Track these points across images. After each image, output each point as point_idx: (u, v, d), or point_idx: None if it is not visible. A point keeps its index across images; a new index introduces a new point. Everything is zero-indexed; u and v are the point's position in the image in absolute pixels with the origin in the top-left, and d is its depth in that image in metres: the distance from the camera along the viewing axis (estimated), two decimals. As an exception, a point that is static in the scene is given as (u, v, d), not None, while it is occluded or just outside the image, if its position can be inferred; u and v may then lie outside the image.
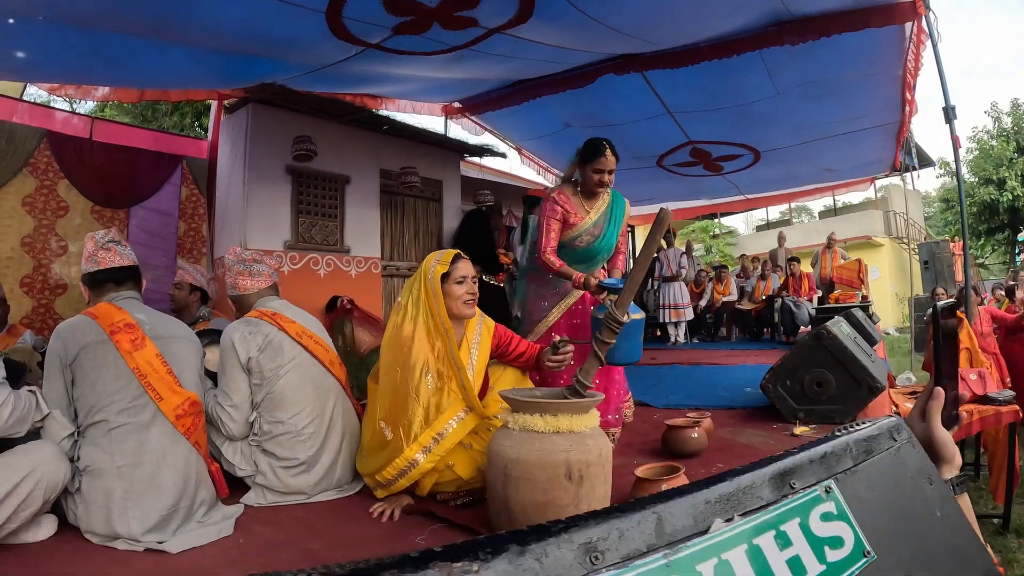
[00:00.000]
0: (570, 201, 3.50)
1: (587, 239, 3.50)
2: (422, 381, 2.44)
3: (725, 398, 4.40)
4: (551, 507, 1.87)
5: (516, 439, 1.98)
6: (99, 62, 4.69)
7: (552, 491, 1.87)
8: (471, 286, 2.67)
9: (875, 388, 3.43)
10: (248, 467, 2.71)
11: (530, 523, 1.80)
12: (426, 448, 2.39)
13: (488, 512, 2.14)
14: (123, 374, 2.31)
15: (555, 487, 1.88)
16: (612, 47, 5.58)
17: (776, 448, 3.07)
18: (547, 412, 1.97)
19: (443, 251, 2.73)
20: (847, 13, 4.99)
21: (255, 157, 5.60)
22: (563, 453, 1.90)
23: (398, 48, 4.83)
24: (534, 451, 1.92)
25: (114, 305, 2.45)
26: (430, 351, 2.49)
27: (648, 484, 2.21)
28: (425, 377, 2.45)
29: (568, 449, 1.91)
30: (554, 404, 1.98)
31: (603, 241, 3.54)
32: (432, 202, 7.20)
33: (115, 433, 2.25)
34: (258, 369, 2.70)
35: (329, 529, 2.34)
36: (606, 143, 3.47)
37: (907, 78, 6.25)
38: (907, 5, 4.95)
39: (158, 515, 2.22)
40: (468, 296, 2.65)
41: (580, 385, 2.19)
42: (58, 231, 5.66)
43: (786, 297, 8.95)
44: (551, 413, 1.96)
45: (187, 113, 13.21)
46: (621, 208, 3.64)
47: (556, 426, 1.94)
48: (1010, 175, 22.29)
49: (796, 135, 7.86)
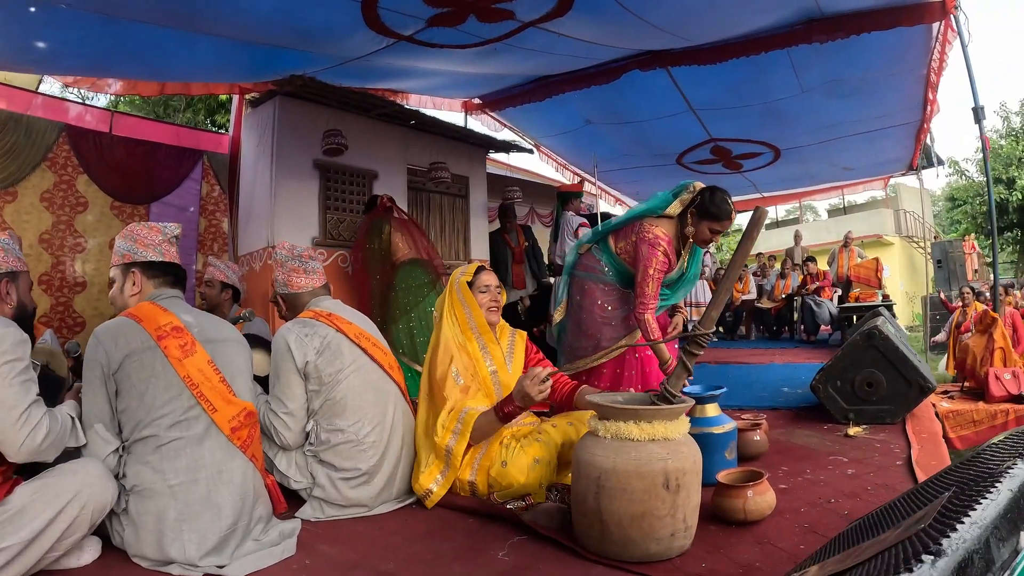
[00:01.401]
0: (672, 249, 3.24)
1: (670, 282, 3.39)
2: (448, 378, 2.60)
3: (765, 398, 4.36)
4: (648, 518, 1.82)
5: (610, 448, 1.91)
6: (123, 54, 4.64)
7: (649, 501, 1.83)
8: (494, 294, 2.80)
9: (926, 388, 3.41)
10: (304, 479, 2.56)
11: (625, 535, 1.82)
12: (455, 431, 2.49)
13: (574, 524, 2.04)
14: (173, 384, 2.12)
15: (652, 497, 1.83)
16: (643, 43, 5.57)
17: (834, 449, 3.06)
18: (642, 419, 1.92)
19: (467, 264, 2.87)
20: (877, 12, 4.97)
21: (282, 151, 5.54)
22: (660, 461, 1.85)
23: (430, 41, 4.81)
24: (631, 460, 1.86)
25: (158, 306, 2.23)
26: (457, 356, 2.66)
27: (733, 491, 2.12)
28: (454, 377, 2.60)
29: (665, 457, 1.86)
30: (650, 411, 1.93)
31: (686, 279, 3.44)
32: (459, 198, 7.15)
33: (166, 449, 2.06)
34: (316, 374, 2.55)
35: (400, 546, 2.18)
36: (732, 203, 3.23)
37: (931, 77, 6.24)
38: (937, 4, 4.93)
39: (216, 537, 2.06)
40: (491, 304, 2.79)
41: (669, 394, 2.12)
42: (76, 227, 5.62)
43: (807, 295, 8.91)
44: (647, 420, 1.91)
45: (200, 110, 13.16)
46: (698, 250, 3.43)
47: (652, 433, 1.89)
48: (1019, 175, 22.24)
49: (817, 133, 7.85)
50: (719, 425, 2.59)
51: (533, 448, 2.46)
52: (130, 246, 2.31)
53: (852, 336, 3.90)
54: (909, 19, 4.97)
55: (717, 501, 2.14)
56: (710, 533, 2.01)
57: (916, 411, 3.56)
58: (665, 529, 1.83)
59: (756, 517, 2.08)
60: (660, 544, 1.84)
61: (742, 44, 5.46)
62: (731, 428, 2.63)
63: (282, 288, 2.83)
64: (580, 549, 1.96)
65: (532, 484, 2.40)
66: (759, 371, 5.62)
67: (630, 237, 3.29)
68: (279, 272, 2.84)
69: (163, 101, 13.18)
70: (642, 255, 3.15)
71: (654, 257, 3.12)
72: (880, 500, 2.28)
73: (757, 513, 2.08)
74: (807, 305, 8.72)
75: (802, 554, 1.84)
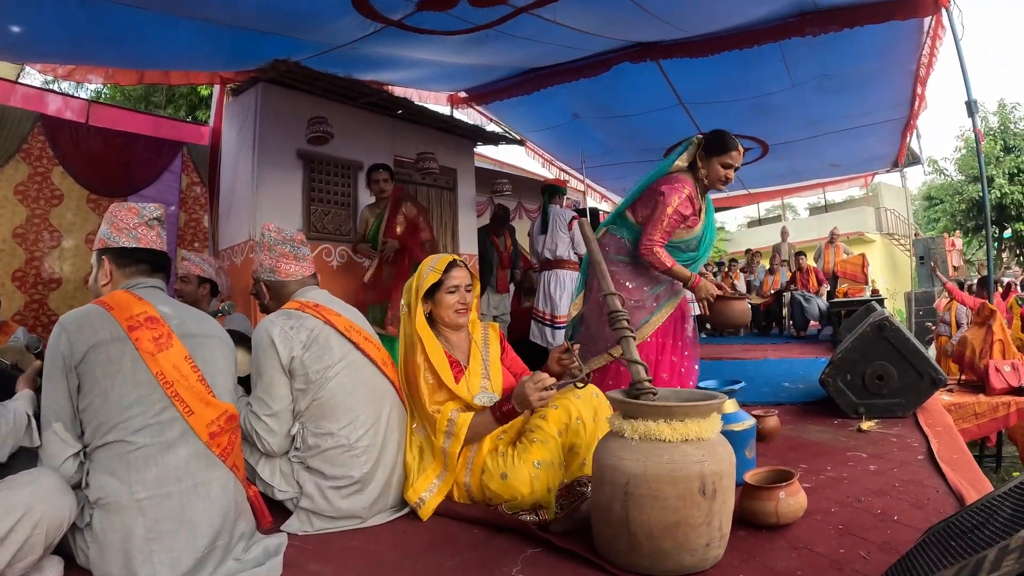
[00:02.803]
0: (696, 193, 3.19)
1: (695, 242, 3.30)
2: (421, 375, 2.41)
3: (767, 394, 4.26)
4: (682, 527, 1.65)
5: (639, 450, 1.72)
6: (100, 38, 4.46)
7: (684, 509, 1.65)
8: (463, 295, 2.54)
9: (938, 380, 3.31)
10: (290, 488, 2.31)
11: (657, 547, 1.56)
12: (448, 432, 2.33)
13: (596, 535, 1.85)
14: (143, 382, 1.85)
15: (688, 504, 1.65)
16: (637, 33, 5.47)
17: (850, 445, 2.95)
18: (674, 418, 1.73)
19: (440, 256, 2.58)
20: (871, 5, 4.94)
21: (265, 141, 5.35)
22: (696, 464, 1.67)
23: (419, 26, 4.67)
24: (664, 464, 1.67)
25: (133, 294, 1.98)
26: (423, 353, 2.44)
27: (764, 493, 1.97)
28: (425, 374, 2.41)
29: (701, 460, 1.68)
30: (683, 408, 1.75)
31: (707, 240, 3.36)
32: (446, 191, 6.99)
33: (133, 458, 1.80)
34: (303, 371, 2.29)
35: (399, 563, 1.95)
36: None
37: (920, 72, 6.22)
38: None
39: (192, 558, 1.81)
40: (459, 305, 2.53)
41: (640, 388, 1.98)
42: (52, 221, 5.43)
43: (795, 291, 8.89)
44: (679, 419, 1.73)
45: (181, 106, 12.84)
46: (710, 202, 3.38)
47: (685, 434, 1.71)
48: (997, 173, 22.70)
49: (806, 129, 7.86)
50: (739, 422, 2.43)
51: (531, 452, 2.26)
52: (106, 230, 2.07)
53: (856, 328, 3.80)
54: (904, 13, 4.94)
55: (746, 504, 1.97)
56: (739, 539, 1.86)
57: (926, 404, 3.47)
58: (701, 539, 1.66)
59: (788, 520, 1.94)
60: (695, 556, 1.67)
61: (735, 36, 5.41)
62: (751, 425, 2.48)
63: (268, 275, 2.54)
64: (604, 563, 1.76)
65: (540, 491, 2.21)
66: (755, 366, 5.54)
67: (649, 202, 3.20)
68: (266, 256, 2.54)
69: (144, 97, 12.84)
70: (661, 200, 3.11)
71: (676, 195, 3.09)
72: (912, 497, 2.19)
73: (790, 516, 1.94)
74: (796, 301, 8.70)
75: (843, 559, 1.72)
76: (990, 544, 1.06)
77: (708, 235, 3.36)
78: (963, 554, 1.12)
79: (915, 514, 2.02)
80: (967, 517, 1.27)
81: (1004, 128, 24.09)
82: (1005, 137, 23.87)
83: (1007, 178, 22.95)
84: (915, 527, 1.87)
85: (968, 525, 1.23)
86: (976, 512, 1.26)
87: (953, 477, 2.31)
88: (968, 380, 6.27)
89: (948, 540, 1.23)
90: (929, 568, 1.17)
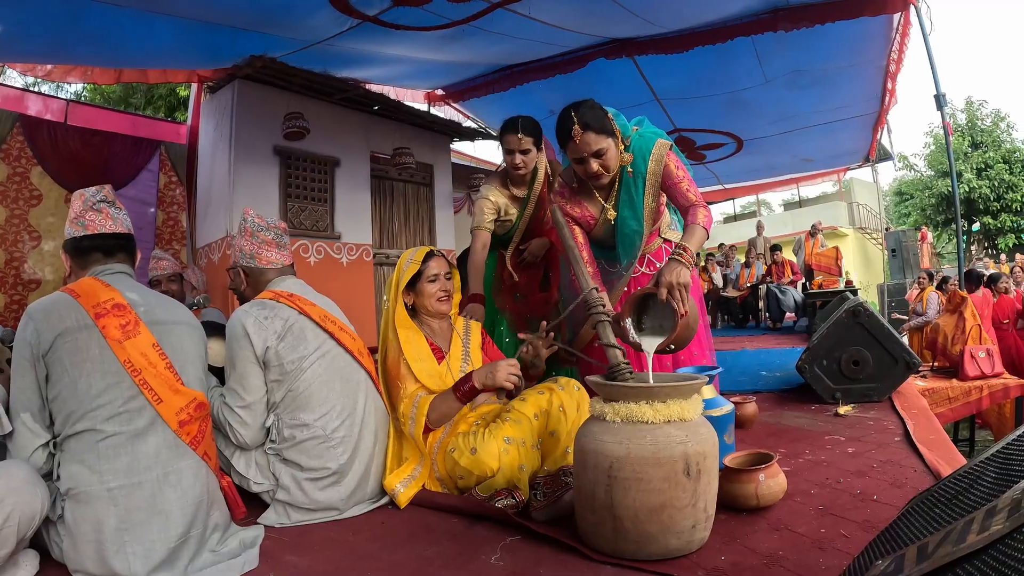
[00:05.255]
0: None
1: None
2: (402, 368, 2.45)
3: (745, 382, 4.32)
4: (668, 509, 1.64)
5: (622, 433, 1.70)
6: (78, 36, 4.42)
7: (669, 491, 1.64)
8: (444, 283, 2.58)
9: (912, 364, 3.38)
10: (266, 480, 2.27)
11: (642, 531, 1.59)
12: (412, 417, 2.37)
13: (579, 521, 1.83)
14: (112, 370, 1.82)
15: (673, 486, 1.64)
16: (612, 28, 5.49)
17: (828, 429, 3.00)
18: (656, 399, 1.72)
19: (417, 249, 2.61)
20: (842, 2, 5.02)
21: (242, 137, 5.32)
22: (680, 445, 1.66)
23: (396, 22, 4.66)
24: (647, 446, 1.65)
25: (100, 281, 1.95)
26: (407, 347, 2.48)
27: (744, 476, 1.98)
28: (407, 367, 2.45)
29: (685, 440, 1.67)
30: (664, 389, 1.74)
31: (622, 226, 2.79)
32: (423, 187, 6.99)
33: (103, 446, 1.77)
34: (277, 361, 2.24)
35: (378, 553, 1.92)
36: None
37: (890, 68, 6.32)
38: (900, -6, 4.99)
39: (165, 548, 1.78)
40: (441, 293, 2.57)
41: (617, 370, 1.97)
42: (31, 221, 5.41)
43: (771, 284, 9.01)
44: (661, 400, 1.72)
45: (160, 107, 12.71)
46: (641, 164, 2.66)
47: (667, 415, 1.70)
48: (966, 168, 23.28)
49: (779, 124, 7.95)
50: (717, 407, 2.45)
51: (503, 429, 2.25)
52: (65, 223, 2.05)
53: (831, 316, 3.86)
54: (873, 9, 5.02)
55: (727, 487, 1.98)
56: (720, 522, 1.86)
57: (901, 388, 3.53)
58: (687, 521, 1.66)
59: (769, 502, 1.97)
60: (681, 538, 1.67)
61: (708, 32, 5.45)
62: (729, 410, 2.51)
63: (248, 260, 2.47)
64: (586, 549, 1.75)
65: (509, 467, 2.20)
66: (733, 357, 5.60)
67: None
68: (247, 242, 2.47)
69: (123, 98, 12.69)
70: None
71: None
72: (890, 477, 2.22)
73: (770, 498, 1.97)
74: (772, 293, 8.82)
75: (824, 538, 1.75)
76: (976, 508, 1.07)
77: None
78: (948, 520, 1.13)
79: (894, 493, 2.05)
80: (949, 485, 1.29)
81: (972, 124, 24.85)
82: (973, 133, 24.62)
83: (975, 173, 23.65)
84: (894, 505, 1.90)
85: (951, 492, 1.25)
86: (958, 479, 1.28)
87: (930, 456, 2.36)
88: (941, 366, 6.40)
89: (931, 508, 1.24)
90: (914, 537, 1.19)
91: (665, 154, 2.62)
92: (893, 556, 1.04)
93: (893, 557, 1.03)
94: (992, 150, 24.10)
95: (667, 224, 2.98)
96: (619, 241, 2.78)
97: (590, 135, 2.46)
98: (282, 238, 2.55)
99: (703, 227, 2.42)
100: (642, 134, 2.69)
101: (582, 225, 2.77)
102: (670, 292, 2.12)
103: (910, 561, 0.95)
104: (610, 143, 2.51)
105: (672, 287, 2.13)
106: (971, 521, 0.95)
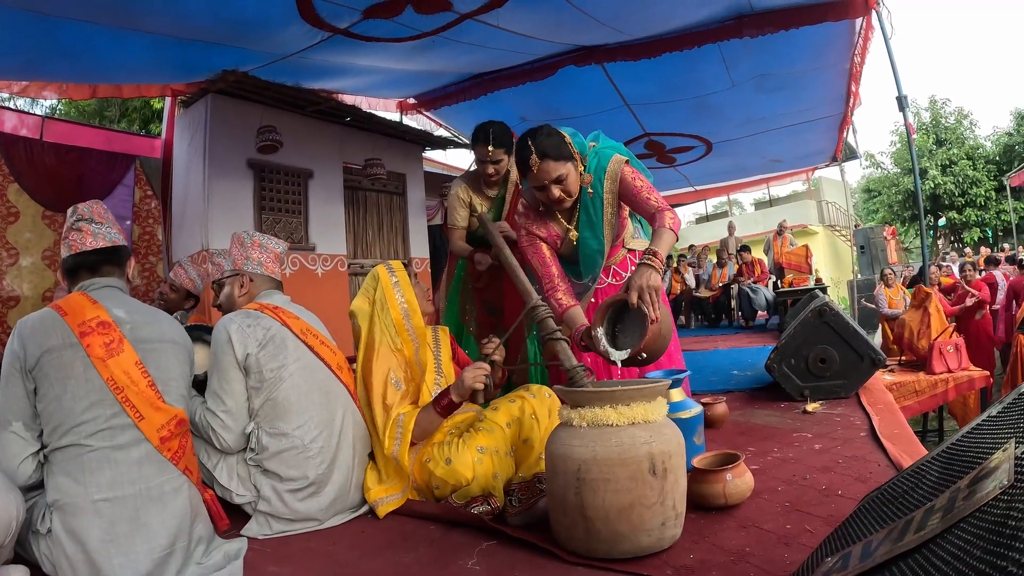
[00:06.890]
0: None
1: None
2: (389, 386, 2.45)
3: (716, 382, 4.42)
4: (636, 508, 1.71)
5: (588, 436, 1.78)
6: (53, 52, 4.40)
7: (637, 489, 1.71)
8: (423, 289, 2.77)
9: (877, 361, 3.49)
10: (247, 492, 2.33)
11: (613, 530, 1.69)
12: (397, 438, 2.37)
13: (553, 525, 1.89)
14: (95, 388, 1.87)
15: (640, 485, 1.71)
16: (580, 37, 5.56)
17: (796, 426, 3.09)
18: (620, 402, 1.80)
19: (393, 262, 2.72)
20: (806, 8, 5.10)
21: (215, 151, 5.33)
22: (644, 445, 1.73)
23: (366, 34, 4.69)
24: (612, 447, 1.73)
25: (87, 297, 1.99)
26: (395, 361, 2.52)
27: (712, 476, 2.06)
28: (395, 384, 2.47)
29: (649, 440, 1.74)
30: (627, 392, 1.82)
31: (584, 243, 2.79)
32: (396, 196, 7.03)
33: (87, 460, 1.82)
34: (257, 368, 2.33)
35: (357, 562, 1.99)
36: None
37: (854, 70, 6.46)
38: (860, 1, 5.10)
39: (150, 560, 1.82)
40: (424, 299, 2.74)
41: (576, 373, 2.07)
42: (9, 238, 5.39)
43: (742, 283, 9.15)
44: (624, 403, 1.80)
45: (135, 120, 12.63)
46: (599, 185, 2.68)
47: (631, 417, 1.78)
48: (931, 165, 23.81)
49: (747, 127, 8.05)
50: (686, 410, 2.52)
51: (476, 438, 2.33)
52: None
53: (799, 315, 3.97)
54: (836, 14, 5.13)
55: (695, 488, 2.06)
56: (690, 521, 1.94)
57: (868, 384, 3.64)
58: (656, 518, 1.73)
59: (736, 501, 2.05)
60: (651, 536, 1.74)
61: (675, 39, 5.52)
62: (698, 412, 2.58)
63: (255, 267, 2.60)
64: (560, 552, 1.82)
65: (484, 476, 2.27)
66: (705, 357, 5.71)
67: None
68: (257, 252, 2.61)
69: (98, 112, 12.58)
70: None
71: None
72: (855, 472, 2.31)
73: (737, 496, 2.05)
74: (744, 292, 8.96)
75: (789, 534, 1.83)
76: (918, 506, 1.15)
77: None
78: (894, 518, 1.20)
79: (858, 488, 2.13)
80: (899, 483, 1.37)
81: (936, 122, 25.43)
82: (937, 131, 25.19)
83: (940, 169, 24.20)
84: (858, 500, 1.97)
85: (900, 490, 1.33)
86: (907, 478, 1.36)
87: (894, 451, 2.46)
88: (908, 360, 6.57)
89: (881, 506, 1.32)
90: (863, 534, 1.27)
91: (620, 169, 2.65)
92: (841, 553, 1.11)
93: (841, 554, 1.10)
94: (956, 147, 24.72)
95: (630, 234, 3.00)
96: (581, 261, 2.82)
97: (549, 163, 2.48)
98: (282, 256, 2.72)
99: (671, 230, 2.45)
100: (598, 152, 2.72)
101: (549, 244, 2.80)
102: (640, 296, 2.16)
103: (855, 558, 1.02)
104: (569, 168, 2.54)
105: (642, 290, 2.16)
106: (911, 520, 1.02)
